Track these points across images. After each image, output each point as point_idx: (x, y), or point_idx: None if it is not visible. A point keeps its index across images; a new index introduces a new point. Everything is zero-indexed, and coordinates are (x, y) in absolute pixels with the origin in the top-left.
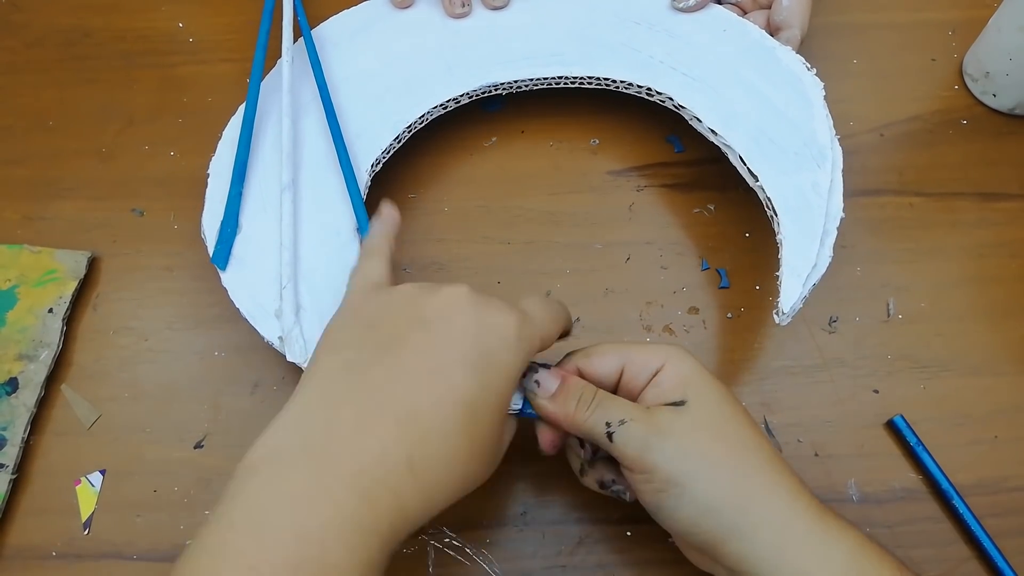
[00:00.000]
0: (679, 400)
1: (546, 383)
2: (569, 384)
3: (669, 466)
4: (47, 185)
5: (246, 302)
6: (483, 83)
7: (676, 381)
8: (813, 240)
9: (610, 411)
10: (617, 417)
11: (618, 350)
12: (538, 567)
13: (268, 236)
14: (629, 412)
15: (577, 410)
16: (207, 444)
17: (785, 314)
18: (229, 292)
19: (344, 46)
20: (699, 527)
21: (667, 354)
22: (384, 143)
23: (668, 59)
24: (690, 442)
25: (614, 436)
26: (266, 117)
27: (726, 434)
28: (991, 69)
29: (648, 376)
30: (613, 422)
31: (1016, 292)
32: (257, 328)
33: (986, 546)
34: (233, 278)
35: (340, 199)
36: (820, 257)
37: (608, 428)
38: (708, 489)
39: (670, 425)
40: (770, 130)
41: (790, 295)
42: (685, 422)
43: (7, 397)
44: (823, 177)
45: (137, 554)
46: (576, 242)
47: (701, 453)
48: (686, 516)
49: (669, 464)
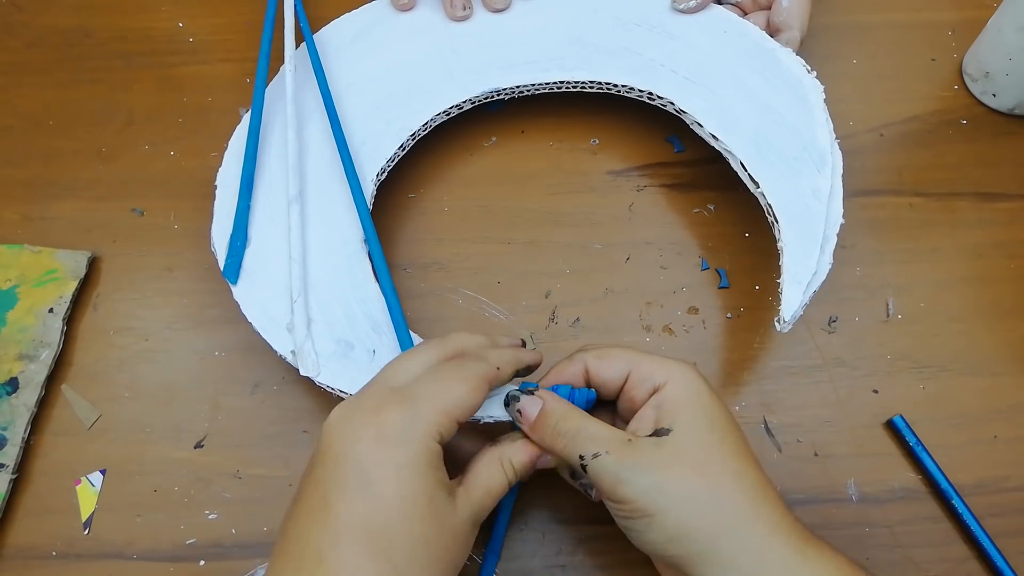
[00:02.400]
0: (665, 428)
1: (527, 410)
2: (548, 411)
3: (641, 499)
4: (47, 185)
5: (258, 316)
6: (484, 89)
7: (670, 405)
8: (813, 247)
9: (585, 444)
10: (591, 451)
11: (627, 358)
12: (538, 567)
13: (277, 248)
14: (605, 444)
15: (554, 439)
16: (207, 444)
17: (787, 322)
18: (241, 306)
19: (345, 50)
20: (667, 551)
21: (671, 372)
22: (388, 152)
23: (669, 62)
24: (665, 476)
25: (587, 468)
26: (271, 126)
27: (707, 464)
28: (991, 69)
29: (649, 391)
30: (587, 456)
31: (1016, 292)
32: (270, 342)
33: (985, 546)
34: (244, 291)
35: (346, 210)
36: (820, 264)
37: (582, 461)
38: (678, 520)
39: (647, 458)
40: (770, 134)
41: (791, 303)
42: (664, 454)
43: (7, 397)
44: (823, 182)
45: (137, 554)
46: (576, 242)
47: (675, 486)
48: (654, 540)
49: (641, 497)
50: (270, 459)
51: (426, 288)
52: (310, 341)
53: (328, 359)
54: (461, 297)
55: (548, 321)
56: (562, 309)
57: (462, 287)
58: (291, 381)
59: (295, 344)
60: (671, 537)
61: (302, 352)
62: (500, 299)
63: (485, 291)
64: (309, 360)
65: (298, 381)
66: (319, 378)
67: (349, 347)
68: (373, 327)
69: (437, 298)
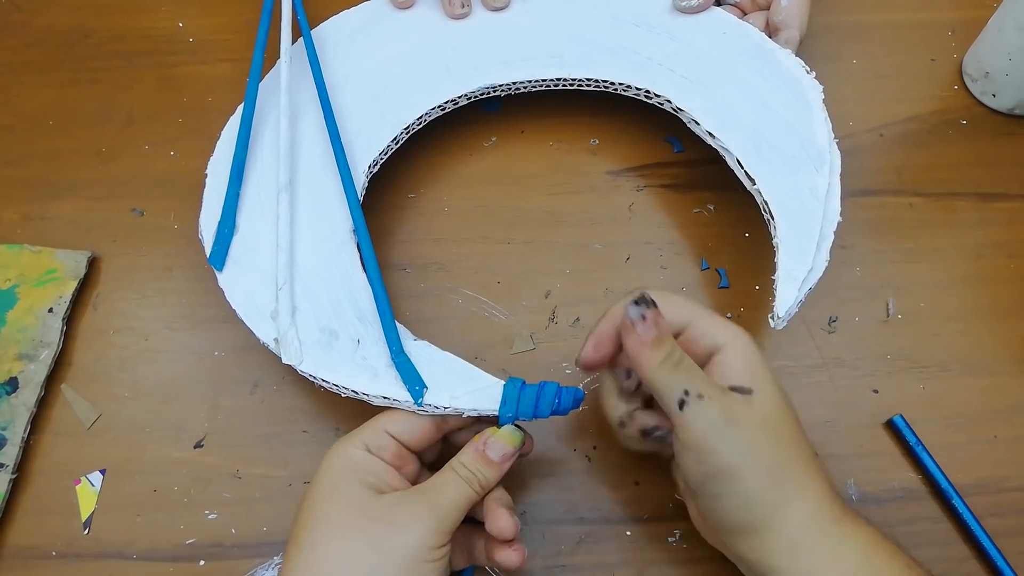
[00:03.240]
0: (746, 387)
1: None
2: (665, 335)
3: (729, 456)
4: (47, 185)
5: (242, 303)
6: (481, 84)
7: (742, 366)
8: (810, 244)
9: (692, 380)
10: (697, 389)
11: (689, 307)
12: (538, 567)
13: (265, 237)
14: (709, 389)
15: (662, 364)
16: (207, 444)
17: (780, 319)
18: (225, 293)
19: (343, 46)
20: (733, 516)
21: (734, 333)
22: (381, 144)
23: (667, 61)
24: (754, 437)
25: (686, 407)
26: (264, 118)
27: (782, 434)
28: (991, 69)
29: (707, 347)
30: (692, 392)
31: (1016, 292)
32: (253, 329)
33: (985, 546)
34: (230, 279)
35: (337, 201)
36: (816, 262)
37: (684, 396)
38: (754, 485)
39: (740, 415)
40: (768, 133)
41: (786, 300)
42: (754, 415)
43: (7, 397)
44: (821, 181)
45: (137, 554)
46: (576, 242)
47: (760, 450)
48: (726, 504)
49: (730, 454)
50: (270, 459)
51: (425, 288)
52: (294, 329)
53: (311, 347)
54: (461, 297)
55: (548, 321)
56: (562, 309)
57: (462, 287)
58: (291, 381)
59: (278, 332)
60: (743, 502)
61: (285, 340)
62: (500, 299)
63: (485, 291)
64: (292, 348)
65: (298, 381)
66: (301, 366)
67: (334, 336)
68: (359, 316)
69: (436, 298)
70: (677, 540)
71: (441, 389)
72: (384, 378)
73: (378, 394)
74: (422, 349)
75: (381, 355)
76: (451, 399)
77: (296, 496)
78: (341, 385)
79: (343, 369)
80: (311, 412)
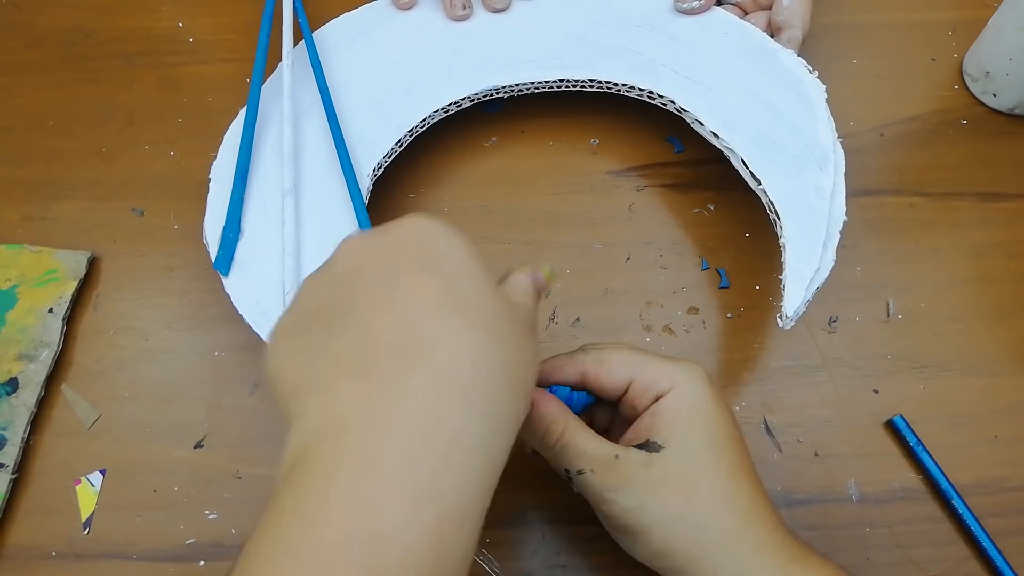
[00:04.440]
0: (657, 444)
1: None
2: (540, 414)
3: (623, 517)
4: (47, 185)
5: (249, 308)
6: (484, 87)
7: (669, 416)
8: (816, 243)
9: (571, 459)
10: (576, 467)
11: (630, 363)
12: (538, 567)
13: (270, 241)
14: (591, 462)
15: (542, 444)
16: (207, 444)
17: (789, 318)
18: (232, 298)
19: (345, 49)
20: (652, 564)
21: (676, 379)
22: (386, 147)
23: (670, 62)
24: (649, 497)
25: (573, 482)
26: (267, 121)
27: (696, 486)
28: (991, 69)
29: (652, 398)
30: (572, 471)
31: (1016, 292)
32: (261, 334)
33: (986, 546)
34: (236, 283)
35: (342, 204)
36: (823, 261)
37: (567, 474)
38: (662, 538)
39: (633, 478)
40: (772, 133)
41: (794, 299)
42: (651, 474)
43: (7, 397)
44: (825, 180)
45: (137, 554)
46: (576, 242)
47: (659, 507)
48: (639, 553)
49: (623, 516)
50: (270, 459)
51: None
52: None
53: None
54: None
55: (548, 321)
56: (562, 309)
57: None
58: None
59: None
60: (655, 553)
61: None
62: None
63: None
64: None
65: None
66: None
67: None
68: None
69: None
70: None
71: None
72: None
73: None
74: None
75: None
76: None
77: None
78: None
79: None
80: None
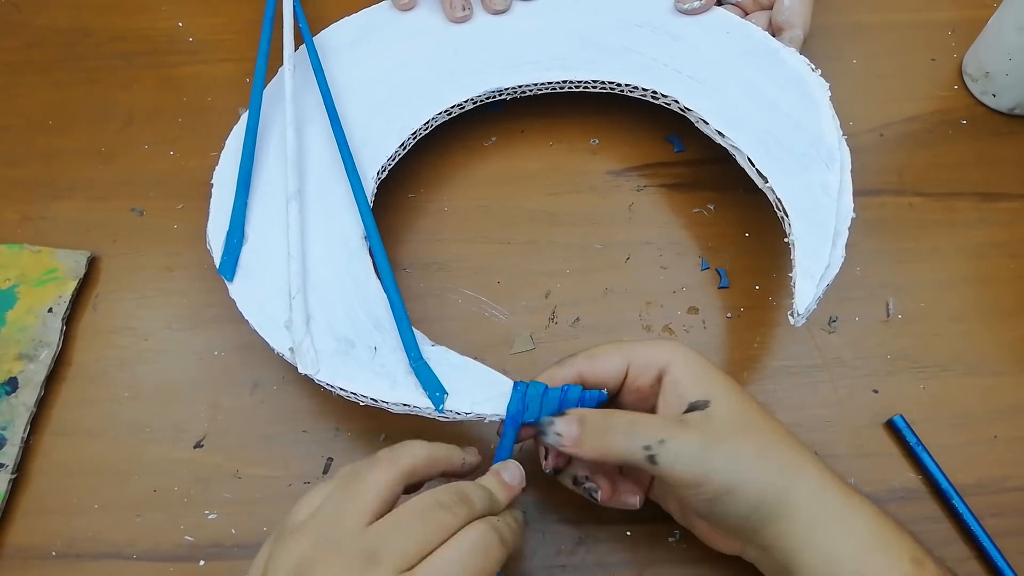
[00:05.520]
0: (702, 400)
1: (568, 430)
2: (591, 421)
3: (719, 476)
4: (47, 185)
5: (255, 313)
6: (487, 88)
7: (691, 380)
8: (825, 241)
9: (646, 433)
10: (655, 438)
11: (620, 350)
12: (538, 567)
13: (275, 246)
14: (663, 430)
15: (610, 443)
16: (207, 444)
17: (800, 315)
18: (237, 303)
19: (345, 53)
20: (748, 520)
21: (669, 350)
22: (390, 150)
23: (672, 62)
24: (730, 444)
25: (657, 458)
26: (269, 126)
27: (752, 426)
28: (991, 69)
29: (654, 374)
30: (652, 444)
31: (1016, 292)
32: (267, 340)
33: (986, 546)
34: (241, 289)
35: (347, 208)
36: (833, 258)
37: (648, 451)
38: (756, 486)
39: (707, 433)
40: (776, 131)
41: (805, 296)
42: (719, 425)
43: (7, 397)
44: (832, 177)
45: (137, 554)
46: (576, 242)
47: (743, 453)
48: (738, 515)
49: (719, 474)
50: (270, 459)
51: (426, 288)
52: (309, 338)
53: (329, 357)
54: (461, 297)
55: (548, 321)
56: (562, 309)
57: (462, 287)
58: (291, 381)
59: (293, 341)
60: (754, 505)
61: (300, 349)
62: (500, 299)
63: (485, 291)
64: (308, 357)
65: (298, 381)
66: (318, 375)
67: (350, 344)
68: (375, 324)
69: (437, 298)
70: (677, 540)
71: (462, 395)
72: (403, 385)
73: (398, 401)
74: (441, 354)
75: (399, 362)
76: (472, 404)
77: (296, 496)
78: (360, 393)
79: (361, 377)
80: (311, 412)
